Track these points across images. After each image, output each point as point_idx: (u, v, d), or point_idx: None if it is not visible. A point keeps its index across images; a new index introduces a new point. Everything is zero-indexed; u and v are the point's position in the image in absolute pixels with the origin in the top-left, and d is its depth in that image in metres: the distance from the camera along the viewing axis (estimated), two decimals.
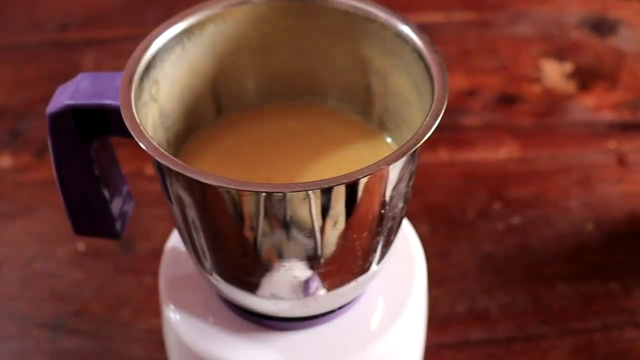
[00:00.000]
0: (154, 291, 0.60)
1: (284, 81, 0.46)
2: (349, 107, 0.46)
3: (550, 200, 0.66)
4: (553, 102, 0.74)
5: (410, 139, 0.36)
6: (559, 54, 0.79)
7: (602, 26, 0.82)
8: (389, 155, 0.36)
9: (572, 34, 0.81)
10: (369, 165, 0.36)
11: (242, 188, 0.35)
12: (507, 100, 0.74)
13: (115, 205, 0.45)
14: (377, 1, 0.43)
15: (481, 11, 0.83)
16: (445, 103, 0.38)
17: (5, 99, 0.75)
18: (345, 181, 0.35)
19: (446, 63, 0.39)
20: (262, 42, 0.44)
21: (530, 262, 0.62)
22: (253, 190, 0.35)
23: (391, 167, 0.36)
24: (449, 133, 0.71)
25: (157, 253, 0.62)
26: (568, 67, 0.77)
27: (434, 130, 0.37)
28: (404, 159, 0.36)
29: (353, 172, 0.35)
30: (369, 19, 0.42)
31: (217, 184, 0.35)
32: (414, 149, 0.36)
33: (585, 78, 0.76)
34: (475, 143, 0.70)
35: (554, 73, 0.77)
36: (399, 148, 0.36)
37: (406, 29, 0.41)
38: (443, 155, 0.70)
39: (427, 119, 0.37)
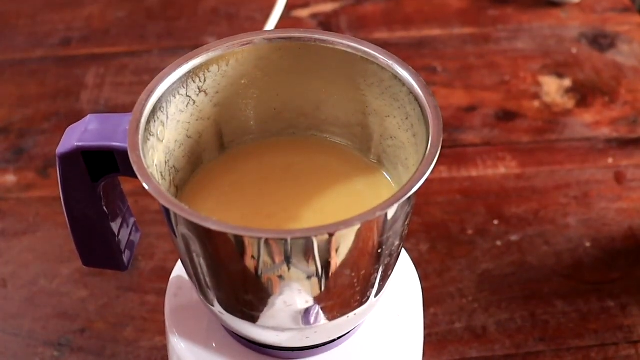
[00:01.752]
0: (157, 309, 0.62)
1: (284, 118, 0.48)
2: (348, 144, 0.48)
3: (548, 217, 0.68)
4: (552, 118, 0.76)
5: (406, 184, 0.39)
6: (558, 69, 0.81)
7: (601, 40, 0.83)
8: (385, 202, 0.38)
9: (571, 48, 0.83)
10: (366, 212, 0.38)
11: (246, 234, 0.38)
12: (507, 116, 0.76)
13: (123, 238, 0.48)
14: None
15: (481, 26, 0.85)
16: (440, 149, 0.40)
17: (8, 115, 0.77)
18: (344, 227, 0.38)
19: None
20: (263, 81, 0.47)
21: (528, 279, 0.64)
22: (255, 236, 0.38)
23: (388, 211, 0.39)
24: (449, 149, 0.73)
25: (160, 271, 0.64)
26: (567, 82, 0.79)
27: (429, 175, 0.39)
28: (399, 203, 0.38)
29: (351, 219, 0.38)
30: (368, 60, 0.45)
31: (221, 230, 0.38)
32: (409, 195, 0.38)
33: (584, 93, 0.78)
34: (475, 160, 0.73)
35: (553, 88, 0.79)
36: (395, 194, 0.38)
37: (403, 71, 0.44)
38: (442, 171, 0.72)
39: (422, 164, 0.39)
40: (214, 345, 0.48)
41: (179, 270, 0.51)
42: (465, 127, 0.75)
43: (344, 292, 0.42)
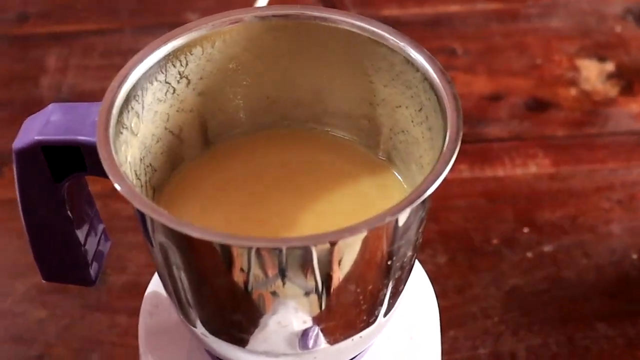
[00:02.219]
0: (129, 332, 0.63)
1: (278, 109, 0.49)
2: (352, 138, 0.49)
3: (587, 224, 0.68)
4: (592, 108, 0.77)
5: (420, 185, 0.39)
6: (599, 51, 0.81)
7: None
8: (396, 205, 0.39)
9: (614, 27, 0.83)
10: (374, 217, 0.39)
11: (234, 243, 0.39)
12: (538, 106, 0.77)
13: (90, 248, 0.48)
14: None
15: (508, 0, 0.85)
16: (459, 144, 0.41)
17: None
18: (348, 235, 0.39)
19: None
20: (255, 66, 0.47)
21: (564, 297, 0.64)
22: (245, 245, 0.39)
23: (399, 216, 0.40)
24: (470, 145, 0.74)
25: (132, 287, 0.65)
26: (609, 66, 0.80)
27: (447, 175, 0.40)
28: (412, 207, 0.39)
29: (357, 225, 0.38)
30: (376, 42, 0.45)
31: (205, 238, 0.38)
32: (423, 198, 0.39)
33: (629, 79, 0.79)
34: (501, 157, 0.73)
35: (594, 73, 0.79)
36: (407, 196, 0.39)
37: (417, 54, 0.44)
38: (463, 171, 0.72)
39: (438, 162, 0.40)
40: None
41: (155, 285, 0.52)
42: (489, 119, 0.76)
43: (348, 310, 0.43)
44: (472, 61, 0.80)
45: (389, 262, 0.42)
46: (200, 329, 0.45)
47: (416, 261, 0.51)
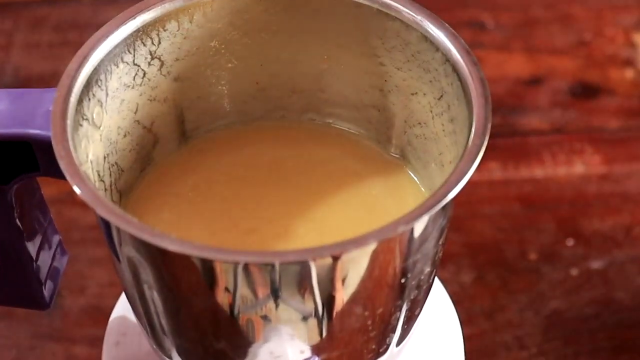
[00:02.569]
0: None
1: (270, 97, 0.50)
2: (359, 132, 0.50)
3: None
4: None
5: (440, 188, 0.40)
6: None
7: None
8: (411, 212, 0.40)
9: None
10: (385, 226, 0.39)
11: (217, 257, 0.39)
12: (587, 91, 0.77)
13: (43, 264, 0.49)
14: None
15: None
16: (487, 138, 0.42)
17: None
18: (353, 248, 0.39)
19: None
20: (242, 45, 0.48)
21: (617, 324, 0.65)
22: (231, 260, 0.40)
23: (414, 225, 0.40)
24: (503, 140, 0.74)
25: (94, 311, 0.65)
26: None
27: (472, 175, 0.41)
28: (431, 215, 0.40)
29: (364, 236, 0.39)
30: (388, 15, 0.46)
31: (183, 252, 0.39)
32: (444, 203, 0.40)
33: None
34: (540, 153, 0.74)
35: None
36: (425, 201, 0.40)
37: (437, 30, 0.45)
38: (493, 170, 0.73)
39: (462, 161, 0.41)
40: None
41: (122, 309, 0.52)
42: (526, 107, 0.76)
43: (354, 338, 0.44)
44: (505, 37, 0.81)
45: (402, 281, 0.43)
46: None
47: (436, 279, 0.52)
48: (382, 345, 0.46)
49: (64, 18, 0.83)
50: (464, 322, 0.53)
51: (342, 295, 0.42)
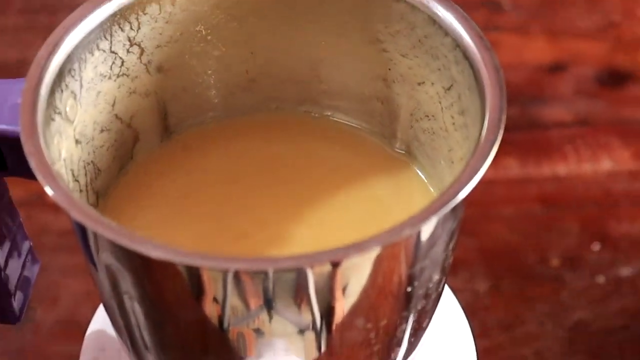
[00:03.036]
0: None
1: (262, 88, 0.50)
2: (361, 125, 0.50)
3: None
4: None
5: (450, 187, 0.41)
6: None
7: None
8: (418, 214, 0.40)
9: None
10: (389, 229, 0.40)
11: (205, 264, 0.40)
12: (615, 79, 0.77)
13: (12, 273, 0.50)
14: None
15: None
16: (502, 132, 0.42)
17: None
18: (354, 253, 0.40)
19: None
20: (230, 30, 0.49)
21: None
22: (220, 268, 0.40)
23: (422, 228, 0.41)
24: (521, 133, 0.75)
25: (68, 325, 0.66)
26: None
27: (486, 173, 0.41)
28: (439, 216, 0.41)
29: (366, 241, 0.39)
30: None
31: (167, 259, 0.39)
32: (454, 203, 0.40)
33: None
34: (563, 148, 0.74)
35: None
36: (433, 202, 0.40)
37: (446, 12, 0.45)
38: (511, 167, 0.73)
39: (474, 157, 0.41)
40: None
41: (99, 322, 0.53)
42: (548, 97, 0.77)
43: (356, 353, 0.45)
44: (523, 19, 0.81)
45: (409, 289, 0.44)
46: None
47: (446, 288, 0.52)
48: None
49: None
50: (477, 335, 0.54)
51: (343, 306, 0.42)
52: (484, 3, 0.82)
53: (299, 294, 0.41)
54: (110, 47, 0.47)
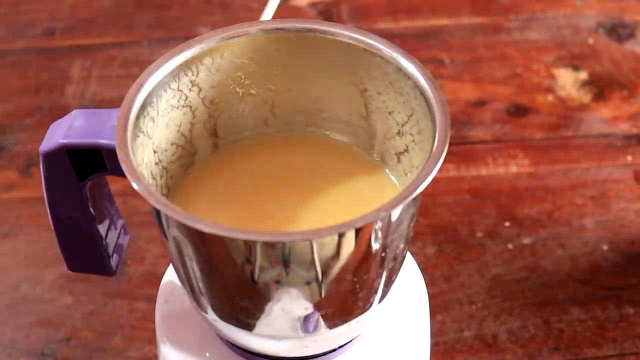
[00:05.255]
0: (147, 317, 0.63)
1: (282, 114, 0.49)
2: (350, 141, 0.49)
3: (563, 218, 0.68)
4: (567, 113, 0.77)
5: (411, 184, 0.39)
6: (574, 61, 0.81)
7: (619, 30, 0.84)
8: (389, 202, 0.39)
9: (587, 39, 0.83)
10: (369, 213, 0.39)
11: (241, 237, 0.38)
12: (519, 111, 0.77)
13: (110, 241, 0.48)
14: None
15: (491, 15, 0.85)
16: (447, 146, 0.40)
17: None
18: (345, 229, 0.38)
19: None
20: (260, 74, 0.47)
21: (541, 284, 0.64)
22: (251, 239, 0.38)
23: (392, 212, 0.39)
24: (457, 147, 0.74)
25: (149, 276, 0.65)
26: (583, 74, 0.80)
27: (435, 174, 0.40)
28: (404, 204, 0.39)
29: (353, 220, 0.38)
30: (371, 52, 0.45)
31: (215, 233, 0.38)
32: (414, 195, 0.39)
33: (601, 86, 0.79)
34: (485, 157, 0.73)
35: (569, 81, 0.79)
36: (400, 194, 0.39)
37: (408, 64, 0.44)
38: (450, 170, 0.72)
39: (428, 163, 0.40)
40: (207, 355, 0.48)
41: (170, 275, 0.51)
42: (474, 122, 0.76)
43: (346, 298, 0.43)
44: (458, 70, 0.80)
45: (383, 254, 0.42)
46: (211, 315, 0.45)
47: (408, 252, 0.51)
48: (367, 303, 0.44)
49: (128, 57, 0.83)
50: (428, 284, 0.53)
51: (337, 266, 0.41)
52: (432, 59, 0.82)
53: (307, 257, 0.40)
54: (178, 87, 0.46)
